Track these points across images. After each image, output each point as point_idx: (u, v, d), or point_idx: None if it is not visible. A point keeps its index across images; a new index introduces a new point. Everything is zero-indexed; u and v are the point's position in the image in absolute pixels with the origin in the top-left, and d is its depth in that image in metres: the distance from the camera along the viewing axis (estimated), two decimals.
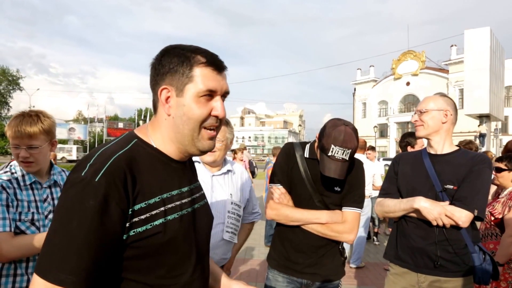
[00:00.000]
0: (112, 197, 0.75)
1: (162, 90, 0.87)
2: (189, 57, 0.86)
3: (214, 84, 0.87)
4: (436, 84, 41.30)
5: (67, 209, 0.74)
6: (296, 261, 1.72)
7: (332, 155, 1.52)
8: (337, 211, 1.70)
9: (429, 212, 1.64)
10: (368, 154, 6.37)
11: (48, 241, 0.74)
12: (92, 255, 0.73)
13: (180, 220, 0.88)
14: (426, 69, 42.96)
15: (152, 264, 0.83)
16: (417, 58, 43.70)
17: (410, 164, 1.88)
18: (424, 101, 1.84)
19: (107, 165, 0.77)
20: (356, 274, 4.73)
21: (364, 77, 50.34)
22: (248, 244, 6.23)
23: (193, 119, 0.86)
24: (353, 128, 1.58)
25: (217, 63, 0.89)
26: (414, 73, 43.54)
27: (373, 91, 48.44)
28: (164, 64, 0.87)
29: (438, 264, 1.70)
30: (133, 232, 0.79)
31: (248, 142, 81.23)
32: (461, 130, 36.89)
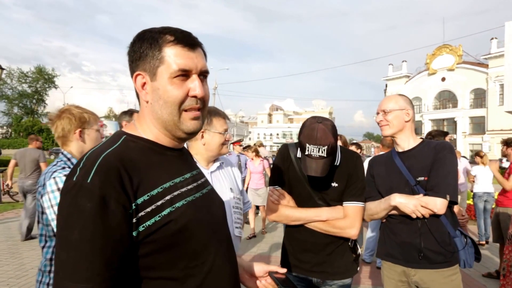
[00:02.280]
0: (109, 195, 0.71)
1: (137, 77, 0.84)
2: (157, 38, 0.82)
3: (187, 62, 0.82)
4: (474, 79, 39.16)
5: (65, 218, 0.71)
6: (304, 260, 1.73)
7: (309, 153, 1.53)
8: (337, 207, 1.69)
9: (406, 206, 1.71)
10: None
11: (57, 257, 0.71)
12: (102, 258, 0.70)
13: (189, 206, 0.84)
14: (463, 63, 40.78)
15: (172, 256, 0.79)
16: (453, 52, 41.55)
17: (384, 165, 1.96)
18: (385, 101, 1.91)
19: (96, 164, 0.73)
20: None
21: (396, 72, 48.63)
22: (272, 240, 6.09)
23: (169, 102, 0.82)
24: (328, 124, 1.55)
25: (188, 40, 0.84)
26: (450, 68, 41.47)
27: (405, 87, 46.63)
28: (135, 50, 0.84)
29: (422, 255, 1.75)
30: (142, 227, 0.75)
31: (276, 139, 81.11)
32: (502, 128, 34.81)
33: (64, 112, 1.74)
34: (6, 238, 5.87)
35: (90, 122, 1.77)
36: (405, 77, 47.63)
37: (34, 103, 55.22)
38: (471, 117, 40.45)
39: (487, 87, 37.83)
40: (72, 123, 1.71)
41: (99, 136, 1.81)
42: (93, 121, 1.79)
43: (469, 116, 40.50)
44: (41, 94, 54.93)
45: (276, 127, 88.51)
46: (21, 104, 54.33)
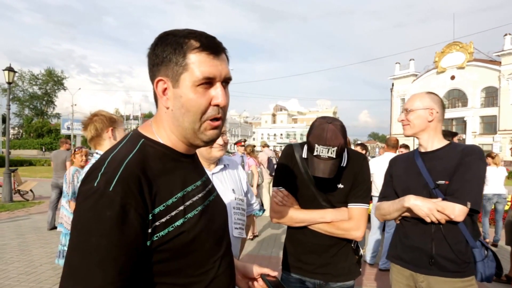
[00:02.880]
0: (130, 204, 0.70)
1: (158, 82, 0.81)
2: (181, 43, 0.79)
3: (212, 70, 0.79)
4: (486, 77, 38.52)
5: (83, 224, 0.70)
6: (307, 262, 1.71)
7: (317, 154, 1.49)
8: (342, 209, 1.66)
9: (420, 209, 1.64)
10: (400, 152, 6.00)
11: (69, 261, 0.69)
12: (117, 267, 0.68)
13: (200, 216, 0.84)
14: (474, 61, 40.09)
15: (180, 264, 0.80)
16: (463, 49, 40.90)
17: (404, 165, 1.90)
18: (410, 100, 1.84)
19: (119, 172, 0.72)
20: (385, 277, 4.41)
21: (404, 71, 48.08)
22: (273, 241, 6.11)
23: (192, 111, 0.80)
24: (338, 125, 1.53)
25: (213, 46, 0.80)
26: (460, 66, 40.85)
27: (413, 86, 46.12)
28: (158, 54, 0.80)
29: (433, 262, 1.67)
30: (156, 237, 0.75)
31: (279, 139, 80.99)
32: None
33: (96, 116, 1.98)
34: (17, 235, 5.98)
35: (119, 123, 2.00)
36: (412, 76, 47.09)
37: (44, 104, 56.12)
38: (482, 116, 39.77)
39: (499, 85, 37.21)
40: (104, 123, 1.94)
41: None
42: (120, 122, 2.02)
43: (479, 116, 39.84)
44: (50, 96, 55.81)
45: (280, 128, 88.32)
46: (32, 106, 55.29)
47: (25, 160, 25.88)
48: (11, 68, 10.03)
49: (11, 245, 5.39)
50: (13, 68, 10.13)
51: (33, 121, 54.03)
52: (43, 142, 49.28)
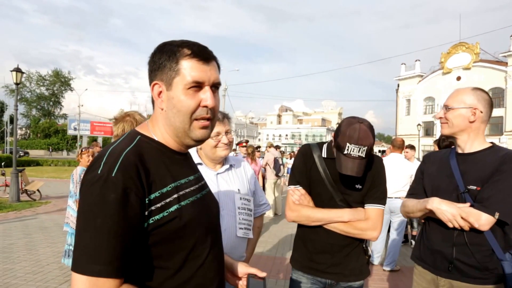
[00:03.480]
0: (130, 188, 0.79)
1: (154, 86, 0.91)
2: (175, 51, 0.89)
3: (201, 75, 0.89)
4: (492, 78, 38.09)
5: (90, 206, 0.78)
6: (320, 261, 1.70)
7: (348, 153, 1.50)
8: (359, 209, 1.67)
9: (442, 213, 1.58)
10: (405, 153, 6.03)
11: (79, 240, 0.77)
12: (121, 244, 0.77)
13: (192, 206, 0.92)
14: (481, 62, 39.66)
15: (172, 248, 0.87)
16: (470, 50, 40.49)
17: (437, 163, 1.80)
18: (452, 96, 1.70)
19: (120, 161, 0.81)
20: (390, 278, 4.49)
21: (409, 72, 47.70)
22: (278, 241, 6.17)
23: (182, 111, 0.89)
24: (368, 125, 1.55)
25: (203, 54, 0.90)
26: (466, 67, 40.44)
27: (418, 86, 45.79)
28: (155, 61, 0.91)
29: (452, 267, 1.62)
30: (152, 220, 0.83)
31: (285, 140, 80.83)
32: None
33: (129, 116, 1.92)
34: (24, 235, 6.11)
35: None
36: (418, 77, 46.72)
37: (51, 105, 56.68)
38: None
39: (506, 86, 36.79)
40: (132, 126, 1.86)
41: None
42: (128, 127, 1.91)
43: None
44: (57, 97, 56.36)
45: (285, 128, 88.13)
46: (39, 106, 55.85)
47: (32, 160, 26.22)
48: (19, 69, 10.13)
49: (18, 244, 5.51)
50: (21, 69, 10.23)
51: (40, 121, 54.60)
52: (50, 143, 49.82)
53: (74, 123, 42.29)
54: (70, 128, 42.01)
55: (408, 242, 6.10)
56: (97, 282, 0.74)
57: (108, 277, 0.75)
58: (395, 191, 4.68)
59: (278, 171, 8.66)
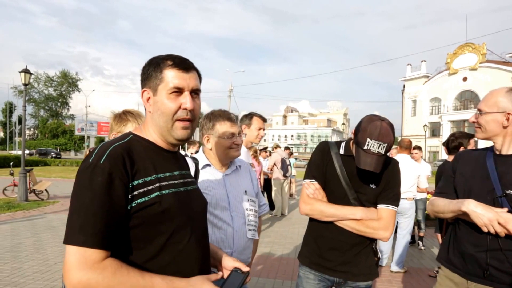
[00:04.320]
0: (115, 174, 0.92)
1: (143, 92, 1.07)
2: (159, 63, 1.04)
3: (181, 82, 1.03)
4: (499, 79, 37.74)
5: (81, 188, 0.91)
6: (329, 259, 1.70)
7: (368, 148, 1.51)
8: (372, 209, 1.67)
9: (478, 217, 1.49)
10: (415, 154, 5.98)
11: (70, 216, 0.90)
12: (105, 220, 0.89)
13: (173, 195, 1.03)
14: (487, 62, 39.35)
15: (152, 232, 0.98)
16: (476, 51, 40.19)
17: (472, 163, 1.71)
18: (485, 99, 1.63)
19: (108, 151, 0.95)
20: (397, 279, 4.45)
21: (415, 73, 47.45)
22: (285, 242, 6.16)
23: (165, 113, 1.03)
24: (389, 123, 1.56)
25: (183, 64, 1.05)
26: (473, 68, 40.14)
27: (424, 87, 45.51)
28: (145, 72, 1.07)
29: (488, 274, 1.54)
30: (134, 203, 0.95)
31: (290, 140, 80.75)
32: None
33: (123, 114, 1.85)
34: (32, 234, 6.17)
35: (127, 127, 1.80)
36: (424, 78, 46.45)
37: (58, 106, 57.26)
38: None
39: None
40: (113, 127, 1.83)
41: None
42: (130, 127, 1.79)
43: None
44: (65, 97, 56.97)
45: (290, 129, 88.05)
46: (47, 107, 56.46)
47: (40, 160, 26.49)
48: (27, 70, 10.23)
49: (26, 243, 5.56)
50: (29, 70, 10.33)
51: (48, 122, 55.19)
52: (58, 143, 50.34)
53: (81, 123, 42.71)
54: (78, 127, 42.41)
55: (416, 243, 6.05)
56: (85, 252, 0.86)
57: (92, 247, 0.86)
58: (402, 192, 4.61)
59: (286, 171, 8.65)
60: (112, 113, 1.90)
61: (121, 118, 1.84)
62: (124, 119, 1.84)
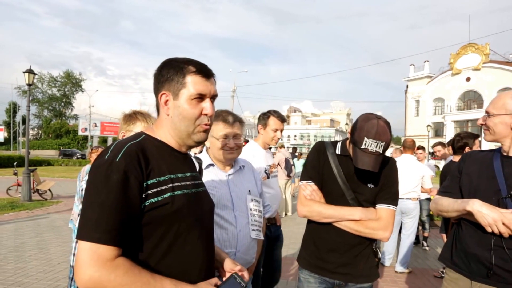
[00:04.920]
0: (131, 172, 0.93)
1: (162, 95, 1.07)
2: (182, 67, 1.05)
3: (203, 88, 1.06)
4: (502, 79, 37.52)
5: (96, 184, 0.92)
6: (329, 260, 1.68)
7: (365, 147, 1.49)
8: (370, 209, 1.65)
9: (483, 217, 1.49)
10: (419, 154, 5.96)
11: (84, 212, 0.90)
12: (119, 218, 0.89)
13: (184, 196, 1.04)
14: (490, 62, 39.10)
15: (163, 232, 0.99)
16: (479, 51, 39.93)
17: (478, 163, 1.71)
18: (494, 101, 1.63)
19: (123, 150, 0.96)
20: (402, 280, 4.44)
21: (418, 73, 47.22)
22: (288, 242, 6.14)
23: (187, 118, 1.06)
24: (385, 121, 1.54)
25: (205, 71, 1.07)
26: (476, 68, 39.88)
27: (427, 87, 45.31)
28: (163, 74, 1.06)
29: (492, 273, 1.53)
30: (147, 202, 0.96)
31: (293, 140, 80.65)
32: None
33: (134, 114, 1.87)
34: (35, 234, 6.19)
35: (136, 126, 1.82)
36: (427, 78, 46.23)
37: (62, 106, 57.56)
38: None
39: None
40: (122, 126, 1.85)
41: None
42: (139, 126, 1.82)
43: None
44: (68, 98, 57.28)
45: (293, 129, 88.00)
46: (51, 107, 56.78)
47: (43, 160, 26.61)
48: (31, 70, 10.30)
49: (29, 243, 5.58)
50: (33, 70, 10.39)
51: (51, 122, 55.47)
52: (61, 143, 50.56)
53: (84, 120, 42.86)
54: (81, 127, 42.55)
55: (420, 243, 6.02)
56: (98, 249, 0.86)
57: (106, 244, 0.87)
58: (406, 192, 4.65)
59: (290, 171, 8.63)
60: (122, 114, 1.94)
61: (131, 117, 1.86)
62: (133, 117, 1.86)
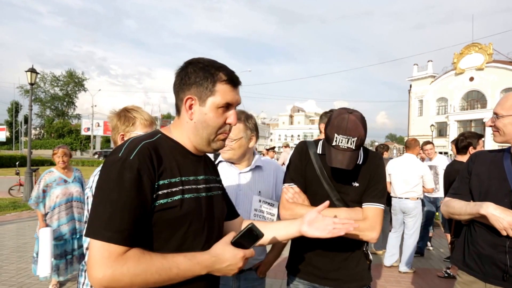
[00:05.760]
0: (144, 171, 0.92)
1: (188, 99, 1.03)
2: (213, 74, 1.02)
3: (231, 98, 1.05)
4: (506, 79, 37.34)
5: (108, 181, 0.91)
6: (317, 266, 1.61)
7: (336, 144, 1.43)
8: (356, 208, 1.57)
9: (498, 220, 1.46)
10: (429, 150, 5.82)
11: (95, 209, 0.90)
12: (131, 217, 0.89)
13: (194, 200, 1.02)
14: (494, 62, 38.92)
15: (170, 235, 0.98)
16: (482, 51, 39.76)
17: (488, 164, 1.68)
18: (501, 102, 1.61)
19: (138, 148, 0.95)
20: (405, 280, 4.41)
21: (421, 72, 47.08)
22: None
23: (211, 126, 1.04)
24: (358, 116, 1.46)
25: (235, 81, 1.06)
26: (479, 67, 39.71)
27: (431, 87, 45.16)
28: (190, 76, 1.03)
29: (508, 276, 1.51)
30: (157, 203, 0.95)
31: (297, 140, 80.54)
32: None
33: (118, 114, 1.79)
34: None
35: (136, 126, 1.76)
36: (430, 77, 46.08)
37: (65, 105, 57.69)
38: None
39: None
40: (116, 128, 1.76)
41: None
42: (139, 125, 1.76)
43: None
44: (71, 97, 57.41)
45: (297, 129, 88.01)
46: (53, 107, 56.91)
47: (46, 160, 26.69)
48: (34, 69, 10.30)
49: (31, 243, 5.54)
50: (35, 69, 10.38)
51: (54, 121, 55.63)
52: (64, 142, 50.71)
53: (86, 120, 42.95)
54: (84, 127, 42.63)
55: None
56: (109, 247, 0.87)
57: (117, 244, 0.87)
58: (406, 192, 4.64)
59: None
60: (113, 112, 1.81)
61: (127, 117, 1.76)
62: (130, 117, 1.77)
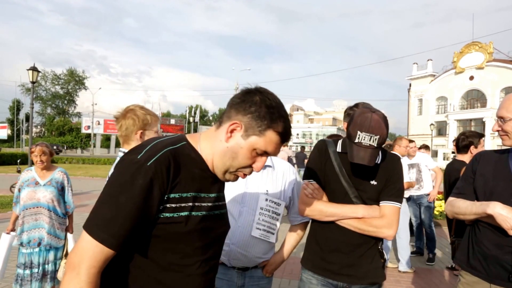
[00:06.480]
0: (157, 180, 0.89)
1: (234, 124, 0.97)
2: (273, 119, 0.97)
3: (272, 149, 1.00)
4: (506, 78, 37.34)
5: (120, 182, 0.89)
6: (332, 261, 1.64)
7: (359, 141, 1.47)
8: (374, 206, 1.61)
9: (505, 220, 1.45)
10: (413, 147, 5.89)
11: (99, 206, 0.89)
12: (132, 225, 0.87)
13: (201, 218, 1.00)
14: (494, 61, 38.92)
15: (168, 248, 0.96)
16: (483, 49, 39.75)
17: (493, 164, 1.67)
18: (504, 105, 1.58)
19: (159, 154, 0.91)
20: (405, 279, 4.47)
21: (421, 71, 47.07)
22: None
23: (238, 161, 0.99)
24: (381, 115, 1.51)
25: (286, 138, 1.01)
26: (479, 66, 39.71)
27: (430, 86, 45.18)
28: (252, 105, 0.97)
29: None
30: (162, 215, 0.92)
31: (296, 139, 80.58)
32: None
33: (129, 112, 1.83)
34: None
35: (151, 124, 1.84)
36: (430, 76, 46.07)
37: (65, 103, 57.71)
38: None
39: None
40: (136, 124, 1.81)
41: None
42: (153, 123, 1.85)
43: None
44: (72, 95, 57.43)
45: (296, 128, 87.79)
46: (54, 105, 56.92)
47: None
48: (35, 67, 10.34)
49: None
50: (37, 68, 10.43)
51: (55, 119, 55.64)
52: (65, 140, 50.69)
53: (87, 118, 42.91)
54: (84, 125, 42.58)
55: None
56: (99, 248, 0.86)
57: (108, 247, 0.86)
58: None
59: None
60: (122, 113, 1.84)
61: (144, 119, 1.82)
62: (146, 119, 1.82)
